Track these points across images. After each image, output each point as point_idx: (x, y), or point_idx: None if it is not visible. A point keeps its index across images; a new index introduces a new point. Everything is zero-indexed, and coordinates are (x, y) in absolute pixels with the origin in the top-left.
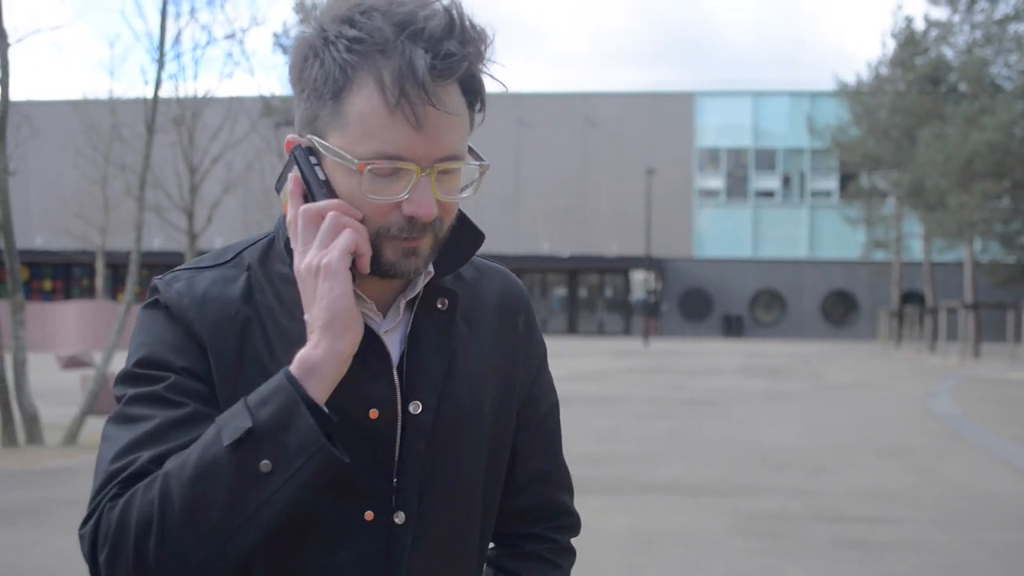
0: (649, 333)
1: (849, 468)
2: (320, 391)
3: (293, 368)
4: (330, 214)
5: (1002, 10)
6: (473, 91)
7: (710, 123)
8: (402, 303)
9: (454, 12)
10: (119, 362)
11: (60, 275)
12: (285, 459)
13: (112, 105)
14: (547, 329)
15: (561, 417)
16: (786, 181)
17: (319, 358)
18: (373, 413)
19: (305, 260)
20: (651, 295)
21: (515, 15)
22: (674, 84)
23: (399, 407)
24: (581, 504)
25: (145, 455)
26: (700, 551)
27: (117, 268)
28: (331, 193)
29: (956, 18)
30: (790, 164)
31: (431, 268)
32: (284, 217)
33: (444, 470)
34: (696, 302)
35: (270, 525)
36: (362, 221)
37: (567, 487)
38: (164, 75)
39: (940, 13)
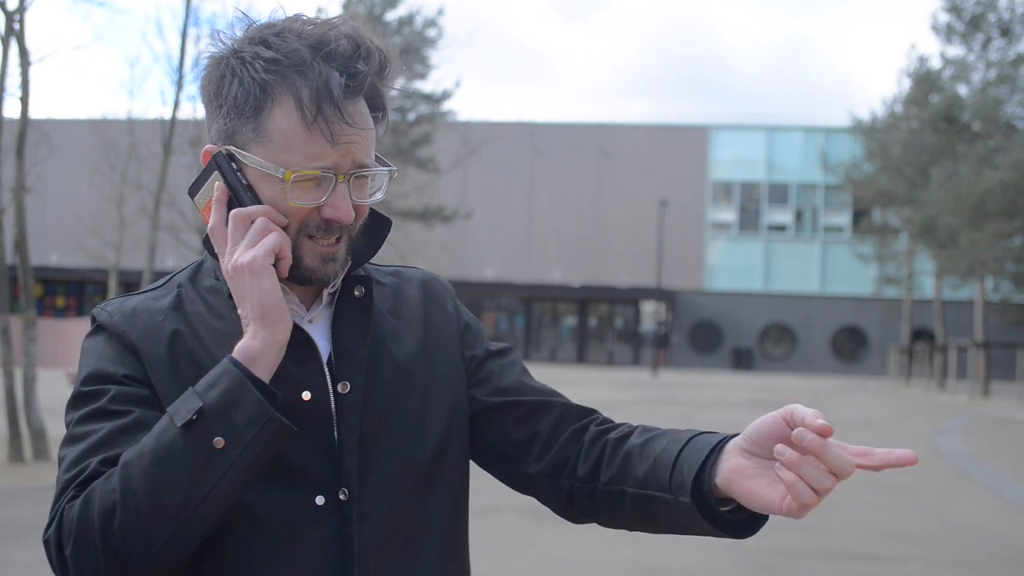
0: (658, 364)
1: (856, 506)
2: (263, 376)
3: (235, 355)
4: (260, 219)
5: (1017, 49)
6: (377, 106)
7: (724, 156)
8: (324, 296)
9: (357, 36)
10: None
11: (73, 292)
12: (237, 434)
13: (130, 125)
14: (556, 358)
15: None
16: (798, 215)
17: (258, 346)
18: (305, 395)
19: (234, 258)
20: (661, 326)
21: (531, 46)
22: (689, 117)
23: (330, 389)
24: (587, 536)
25: (95, 460)
26: None
27: (130, 287)
28: (256, 198)
29: (971, 57)
30: (803, 199)
31: (347, 259)
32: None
33: (384, 448)
34: (706, 334)
35: (229, 500)
36: (285, 229)
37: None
38: (183, 96)
39: (955, 51)
